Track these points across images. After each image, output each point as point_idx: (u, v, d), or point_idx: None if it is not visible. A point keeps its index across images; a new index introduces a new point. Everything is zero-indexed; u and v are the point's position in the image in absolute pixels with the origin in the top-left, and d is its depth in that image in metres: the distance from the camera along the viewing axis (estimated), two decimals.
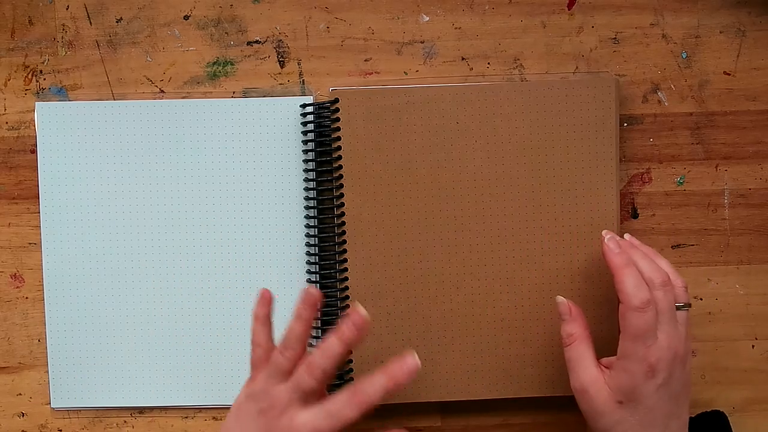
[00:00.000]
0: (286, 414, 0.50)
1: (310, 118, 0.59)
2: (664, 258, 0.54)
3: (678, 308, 0.52)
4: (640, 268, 0.52)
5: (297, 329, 0.52)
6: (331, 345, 0.50)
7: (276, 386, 0.51)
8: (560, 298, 0.55)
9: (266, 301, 0.55)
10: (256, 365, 0.54)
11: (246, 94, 0.61)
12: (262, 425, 0.51)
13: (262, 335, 0.54)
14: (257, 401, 0.52)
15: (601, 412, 0.51)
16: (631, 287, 0.50)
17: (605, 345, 0.59)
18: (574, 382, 0.53)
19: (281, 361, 0.52)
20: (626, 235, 0.56)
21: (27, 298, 0.62)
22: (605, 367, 0.53)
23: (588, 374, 0.52)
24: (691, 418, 0.57)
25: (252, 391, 0.53)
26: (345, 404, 0.49)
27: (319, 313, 0.54)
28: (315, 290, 0.52)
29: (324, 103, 0.59)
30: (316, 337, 0.60)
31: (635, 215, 0.61)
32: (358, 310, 0.50)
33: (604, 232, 0.55)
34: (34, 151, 0.61)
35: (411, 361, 0.49)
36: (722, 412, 0.59)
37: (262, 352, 0.54)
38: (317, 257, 0.59)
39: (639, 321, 0.50)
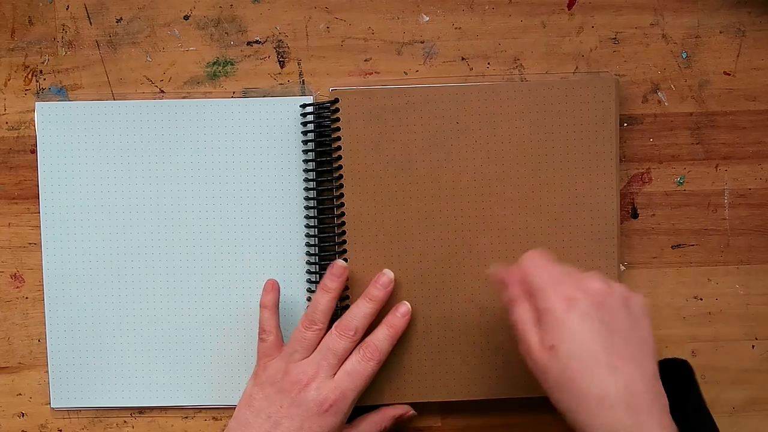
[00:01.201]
0: (312, 385, 0.53)
1: (310, 118, 0.59)
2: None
3: None
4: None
5: (324, 301, 0.56)
6: (361, 305, 0.56)
7: (298, 363, 0.54)
8: (491, 270, 0.52)
9: (273, 288, 0.57)
10: (266, 353, 0.56)
11: (246, 94, 0.61)
12: (286, 403, 0.52)
13: (271, 323, 0.57)
14: (275, 383, 0.54)
15: (540, 366, 0.48)
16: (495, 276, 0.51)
17: None
18: (519, 345, 0.49)
19: (308, 336, 0.55)
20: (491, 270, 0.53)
21: (27, 298, 0.62)
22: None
23: (527, 331, 0.48)
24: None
25: (267, 376, 0.54)
26: (359, 360, 0.54)
27: (344, 287, 0.57)
28: (342, 263, 0.56)
29: (324, 103, 0.59)
30: None
31: (635, 215, 0.61)
32: (386, 273, 0.57)
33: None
34: (34, 151, 0.61)
35: (403, 307, 0.57)
36: (686, 361, 0.54)
37: (273, 340, 0.56)
38: (317, 257, 0.59)
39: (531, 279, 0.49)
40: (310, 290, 0.60)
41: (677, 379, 0.52)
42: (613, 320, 0.47)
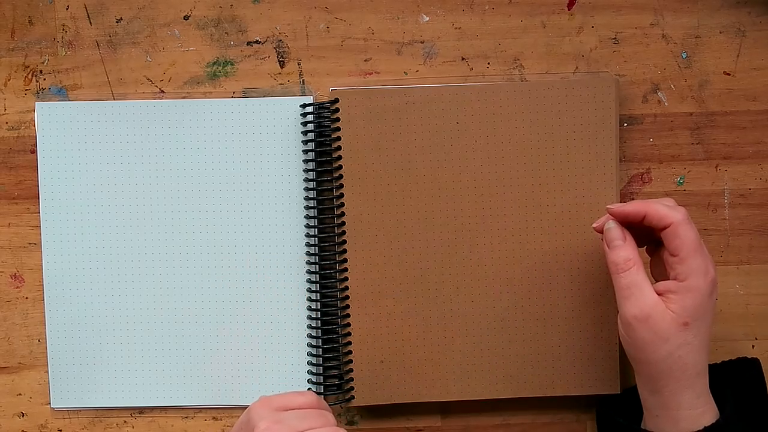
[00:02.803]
0: None
1: (310, 118, 0.59)
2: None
3: None
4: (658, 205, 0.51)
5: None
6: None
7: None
8: (610, 223, 0.53)
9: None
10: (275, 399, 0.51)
11: (246, 94, 0.61)
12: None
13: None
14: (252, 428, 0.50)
15: (665, 337, 0.50)
16: (665, 209, 0.50)
17: (603, 344, 0.59)
18: (632, 309, 0.50)
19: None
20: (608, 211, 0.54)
21: (27, 298, 0.62)
22: (662, 292, 0.51)
23: (649, 299, 0.50)
24: (723, 363, 0.58)
25: (255, 415, 0.50)
26: None
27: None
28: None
29: (324, 103, 0.59)
30: (317, 338, 0.60)
31: None
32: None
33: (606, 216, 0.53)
34: (34, 151, 0.61)
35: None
36: (756, 360, 0.58)
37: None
38: (317, 257, 0.59)
39: (693, 232, 0.50)
40: (310, 290, 0.60)
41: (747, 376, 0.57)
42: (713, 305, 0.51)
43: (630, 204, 0.52)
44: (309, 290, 0.60)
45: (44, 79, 0.61)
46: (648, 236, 0.53)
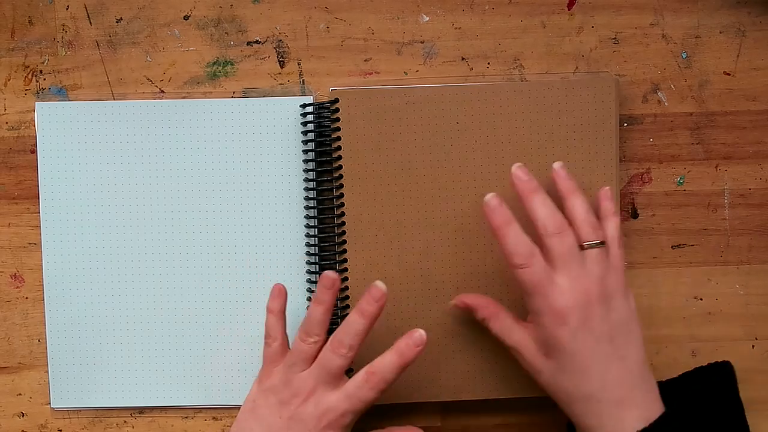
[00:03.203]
0: (311, 399, 0.52)
1: (310, 118, 0.59)
2: (579, 195, 0.53)
3: (588, 247, 0.51)
4: (535, 217, 0.52)
5: (318, 314, 0.54)
6: (353, 320, 0.53)
7: (298, 374, 0.53)
8: (452, 302, 0.57)
9: (281, 294, 0.56)
10: (272, 359, 0.55)
11: (246, 94, 0.61)
12: (285, 415, 0.52)
13: (277, 329, 0.56)
14: (277, 393, 0.54)
15: (536, 368, 0.52)
16: (510, 246, 0.51)
17: None
18: (509, 349, 0.54)
19: (305, 348, 0.54)
20: (555, 164, 0.55)
21: (27, 298, 0.62)
22: (529, 323, 0.53)
23: (514, 337, 0.53)
24: (696, 370, 0.58)
25: (271, 385, 0.54)
26: (362, 385, 0.52)
27: (337, 296, 0.55)
28: (333, 273, 0.54)
29: (324, 103, 0.59)
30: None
31: (635, 215, 0.61)
32: (377, 285, 0.53)
33: (514, 168, 0.53)
34: (34, 151, 0.61)
35: (418, 336, 0.53)
36: (728, 363, 0.58)
37: (278, 346, 0.55)
38: (317, 257, 0.59)
39: (525, 277, 0.51)
40: (310, 290, 0.60)
41: (720, 381, 0.57)
42: (595, 324, 0.50)
43: (495, 218, 0.52)
44: (309, 290, 0.60)
45: (44, 79, 0.61)
46: None
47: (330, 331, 0.55)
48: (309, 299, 0.60)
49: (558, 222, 0.51)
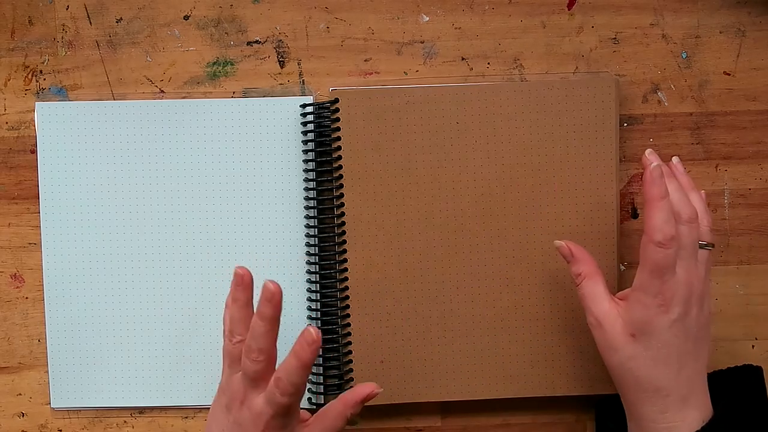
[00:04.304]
0: (245, 404, 0.52)
1: (310, 118, 0.59)
2: (699, 192, 0.54)
3: (701, 246, 0.51)
4: (671, 200, 0.50)
5: (234, 312, 0.53)
6: (256, 324, 0.50)
7: (233, 377, 0.53)
8: (558, 242, 0.55)
9: (243, 281, 0.53)
10: (226, 358, 0.54)
11: (246, 94, 0.61)
12: (231, 419, 0.53)
13: (238, 326, 0.53)
14: (223, 394, 0.54)
15: (615, 346, 0.51)
16: (659, 221, 0.49)
17: None
18: (589, 316, 0.52)
19: (232, 350, 0.53)
20: (674, 159, 0.55)
21: (27, 298, 0.62)
22: (620, 299, 0.52)
23: (601, 308, 0.52)
24: (722, 371, 0.57)
25: (221, 385, 0.54)
26: (274, 391, 0.50)
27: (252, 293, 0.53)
28: (245, 270, 0.53)
29: (324, 103, 0.59)
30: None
31: (635, 215, 0.61)
32: (268, 284, 0.50)
33: (648, 153, 0.52)
34: (34, 151, 0.61)
35: (308, 334, 0.49)
36: (758, 367, 0.58)
37: (236, 342, 0.54)
38: (317, 257, 0.59)
39: (658, 256, 0.49)
40: (310, 290, 0.60)
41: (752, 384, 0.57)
42: (689, 321, 0.50)
43: (652, 188, 0.50)
44: (309, 290, 0.60)
45: (44, 79, 0.61)
46: None
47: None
48: (309, 299, 0.60)
49: (691, 212, 0.50)
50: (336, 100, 0.59)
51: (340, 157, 0.59)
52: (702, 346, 0.51)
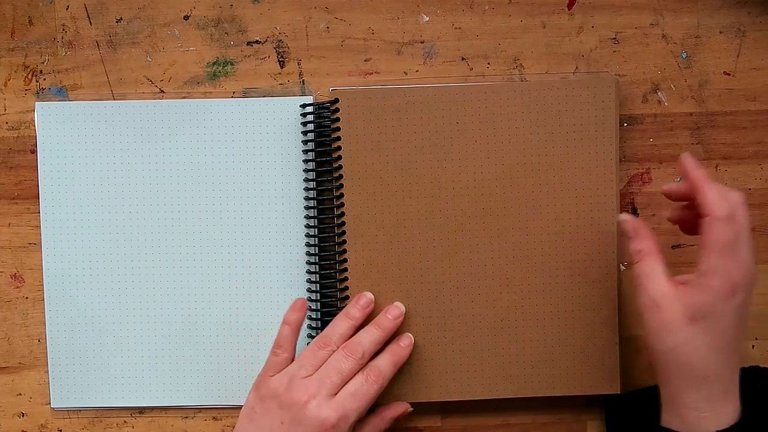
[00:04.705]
0: (312, 403, 0.53)
1: (310, 118, 0.59)
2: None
3: None
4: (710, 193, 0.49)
5: (343, 327, 0.57)
6: (371, 331, 0.56)
7: (302, 379, 0.54)
8: (622, 216, 0.53)
9: (302, 308, 0.58)
10: (274, 368, 0.56)
11: (246, 94, 0.61)
12: (287, 419, 0.52)
13: (289, 341, 0.57)
14: (275, 397, 0.54)
15: (670, 329, 0.48)
16: (716, 197, 0.48)
17: (603, 344, 0.59)
18: (644, 297, 0.50)
19: (320, 355, 0.55)
20: (683, 155, 0.52)
21: (27, 298, 0.62)
22: (680, 283, 0.50)
23: (660, 288, 0.49)
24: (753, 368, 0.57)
25: (269, 389, 0.55)
26: (363, 383, 0.54)
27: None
28: (370, 296, 0.58)
29: (324, 103, 0.59)
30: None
31: (635, 215, 0.61)
32: (398, 306, 0.58)
33: (684, 155, 0.51)
34: (34, 151, 0.61)
35: (407, 339, 0.58)
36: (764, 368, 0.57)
37: (285, 358, 0.56)
38: (317, 257, 0.59)
39: (727, 232, 0.47)
40: (310, 290, 0.60)
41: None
42: (746, 308, 0.49)
43: (691, 177, 0.49)
44: (309, 290, 0.60)
45: (44, 79, 0.61)
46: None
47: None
48: (309, 299, 0.60)
49: (738, 194, 0.49)
50: (336, 100, 0.59)
51: (340, 157, 0.59)
52: (743, 338, 0.50)
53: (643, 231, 0.52)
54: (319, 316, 0.59)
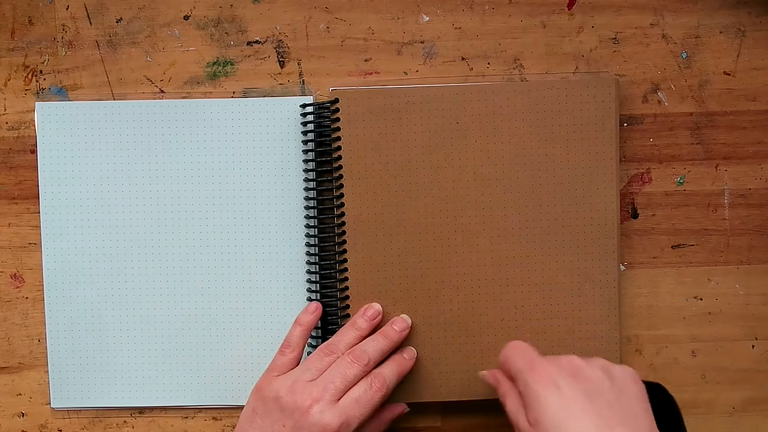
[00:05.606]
0: (314, 408, 0.52)
1: (310, 118, 0.59)
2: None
3: None
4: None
5: (350, 337, 0.57)
6: (377, 339, 0.56)
7: (305, 383, 0.53)
8: (481, 373, 0.55)
9: (315, 312, 0.58)
10: (279, 368, 0.55)
11: (246, 94, 0.61)
12: (289, 424, 0.52)
13: (298, 342, 0.57)
14: (277, 399, 0.53)
15: None
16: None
17: (603, 344, 0.59)
18: (516, 429, 0.50)
19: (326, 361, 0.55)
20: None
21: (27, 298, 0.62)
22: None
23: (523, 423, 0.49)
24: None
25: (271, 390, 0.54)
26: (367, 390, 0.54)
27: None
28: (378, 308, 0.58)
29: (324, 103, 0.59)
30: (317, 338, 0.60)
31: (635, 215, 0.61)
32: (404, 319, 0.58)
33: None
34: (34, 151, 0.61)
35: (411, 352, 0.58)
36: (659, 385, 0.56)
37: (292, 358, 0.56)
38: (317, 257, 0.59)
39: (509, 405, 0.50)
40: (310, 290, 0.60)
41: (662, 402, 0.55)
42: (593, 388, 0.47)
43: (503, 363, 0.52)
44: (309, 290, 0.60)
45: (44, 79, 0.61)
46: None
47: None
48: (309, 299, 0.60)
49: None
50: (336, 100, 0.59)
51: (340, 157, 0.59)
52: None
53: (500, 377, 0.52)
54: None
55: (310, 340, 0.59)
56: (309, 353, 0.58)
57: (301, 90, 0.61)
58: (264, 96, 0.60)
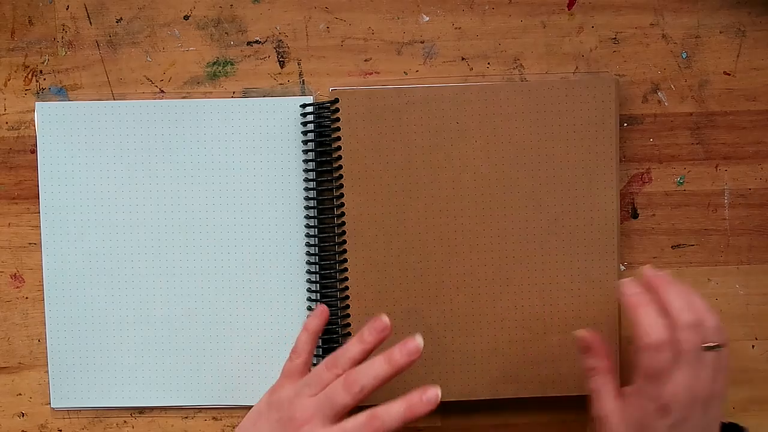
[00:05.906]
0: (304, 428, 0.50)
1: (310, 118, 0.59)
2: (697, 295, 0.52)
3: (707, 349, 0.49)
4: (670, 306, 0.50)
5: (355, 351, 0.52)
6: (377, 364, 0.51)
7: (305, 398, 0.51)
8: (578, 332, 0.55)
9: (322, 315, 0.57)
10: (290, 374, 0.54)
11: (246, 94, 0.61)
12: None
13: (306, 347, 0.55)
14: (279, 410, 0.52)
15: None
16: (646, 324, 0.49)
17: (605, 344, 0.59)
18: (596, 410, 0.53)
19: (326, 377, 0.52)
20: (645, 268, 0.54)
21: (27, 298, 0.62)
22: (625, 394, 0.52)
23: (608, 404, 0.52)
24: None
25: (278, 398, 0.53)
26: (362, 427, 0.49)
27: (380, 337, 0.53)
28: (386, 320, 0.53)
29: (324, 103, 0.59)
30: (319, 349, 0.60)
31: (635, 215, 0.61)
32: (415, 339, 0.51)
33: (645, 268, 0.53)
34: (34, 151, 0.61)
35: (432, 392, 0.50)
36: (741, 427, 0.56)
37: (301, 363, 0.55)
38: (317, 257, 0.59)
39: (652, 361, 0.49)
40: (310, 290, 0.60)
41: None
42: (689, 426, 0.49)
43: (632, 297, 0.51)
44: (309, 290, 0.60)
45: (44, 79, 0.61)
46: None
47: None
48: (309, 299, 0.60)
49: (689, 317, 0.49)
50: (336, 100, 0.59)
51: (340, 157, 0.59)
52: None
53: (597, 348, 0.54)
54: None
55: None
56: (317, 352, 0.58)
57: (301, 90, 0.61)
58: (264, 96, 0.60)
